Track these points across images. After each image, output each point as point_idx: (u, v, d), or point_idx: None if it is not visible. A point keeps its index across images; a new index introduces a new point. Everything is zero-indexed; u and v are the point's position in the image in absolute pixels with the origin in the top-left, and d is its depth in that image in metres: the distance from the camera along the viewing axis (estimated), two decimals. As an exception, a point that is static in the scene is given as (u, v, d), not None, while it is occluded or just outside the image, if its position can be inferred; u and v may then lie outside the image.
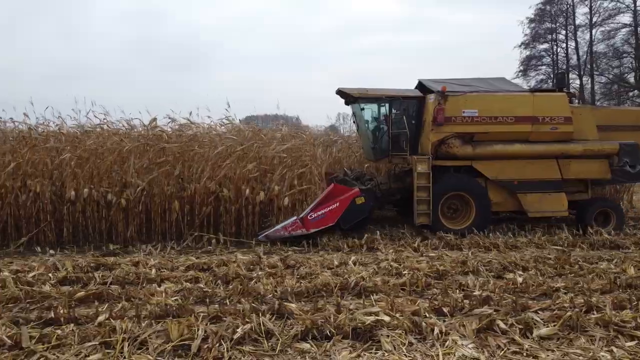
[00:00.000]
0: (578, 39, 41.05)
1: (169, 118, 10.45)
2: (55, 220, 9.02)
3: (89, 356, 4.33)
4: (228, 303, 5.75)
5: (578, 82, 41.53)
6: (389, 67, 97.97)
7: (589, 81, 40.82)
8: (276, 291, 6.02)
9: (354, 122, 11.70)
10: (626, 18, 36.63)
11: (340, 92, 10.74)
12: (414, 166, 9.77)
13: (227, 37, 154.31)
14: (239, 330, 4.65)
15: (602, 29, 38.20)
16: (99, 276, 6.57)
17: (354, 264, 7.39)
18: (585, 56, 40.90)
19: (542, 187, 10.06)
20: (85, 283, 6.45)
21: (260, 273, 6.77)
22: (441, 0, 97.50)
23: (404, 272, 6.72)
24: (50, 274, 6.63)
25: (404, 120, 10.07)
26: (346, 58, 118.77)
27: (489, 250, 8.61)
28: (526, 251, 8.54)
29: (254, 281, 6.36)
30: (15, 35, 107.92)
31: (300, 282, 6.30)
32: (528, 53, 44.89)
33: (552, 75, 42.88)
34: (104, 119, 10.17)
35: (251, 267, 7.20)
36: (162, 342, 4.54)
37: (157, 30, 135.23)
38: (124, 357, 4.31)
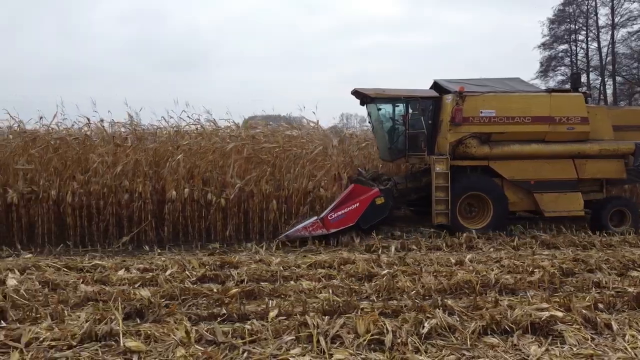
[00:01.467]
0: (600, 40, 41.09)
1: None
2: (155, 219, 9.14)
3: (289, 350, 4.45)
4: (375, 299, 5.89)
5: (598, 82, 41.69)
6: (389, 67, 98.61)
7: (611, 82, 40.95)
8: (419, 288, 6.13)
9: (369, 122, 11.77)
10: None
11: (356, 93, 10.79)
12: (432, 166, 9.82)
13: (226, 38, 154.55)
14: (425, 325, 4.76)
15: (625, 30, 38.26)
16: (235, 274, 6.68)
17: (471, 261, 7.51)
18: (606, 57, 40.95)
19: (558, 187, 10.12)
20: (222, 280, 6.57)
21: (389, 271, 6.87)
22: (440, 1, 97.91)
23: (534, 270, 6.82)
24: (186, 272, 6.74)
25: (422, 120, 10.13)
26: (346, 58, 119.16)
27: (587, 248, 8.71)
28: (625, 250, 8.62)
29: (391, 279, 6.46)
30: (15, 36, 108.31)
31: (439, 280, 6.41)
32: (548, 54, 44.99)
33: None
34: (197, 119, 10.33)
35: (372, 265, 7.29)
36: (353, 337, 4.64)
37: (157, 31, 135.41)
38: (323, 351, 4.42)
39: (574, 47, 44.36)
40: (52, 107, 10.20)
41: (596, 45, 41.59)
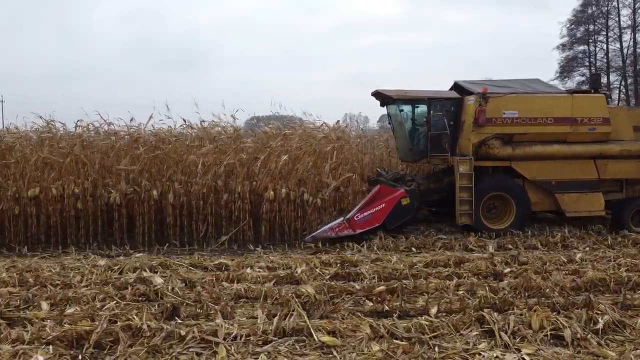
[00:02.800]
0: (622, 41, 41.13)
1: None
2: (253, 218, 9.31)
3: (477, 345, 4.59)
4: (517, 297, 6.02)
5: (619, 83, 41.75)
6: (389, 67, 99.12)
7: (633, 83, 40.99)
8: (553, 286, 6.27)
9: (389, 123, 11.88)
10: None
11: (378, 94, 10.87)
12: (456, 167, 9.88)
13: (226, 38, 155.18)
14: (600, 320, 4.90)
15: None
16: (366, 272, 6.84)
17: (582, 260, 7.65)
18: (626, 58, 40.98)
19: (579, 187, 10.20)
20: (353, 278, 6.73)
21: (511, 269, 7.01)
22: (440, 1, 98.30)
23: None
24: (317, 270, 6.91)
25: (445, 121, 10.20)
26: (345, 58, 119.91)
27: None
28: None
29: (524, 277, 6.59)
30: (15, 36, 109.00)
31: (570, 278, 6.55)
32: (566, 54, 45.04)
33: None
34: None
35: (487, 263, 7.42)
36: (531, 332, 4.78)
37: (157, 31, 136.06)
38: (507, 346, 4.56)
39: (592, 48, 44.61)
40: (52, 107, 10.43)
41: (618, 46, 41.79)
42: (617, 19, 41.74)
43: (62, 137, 9.50)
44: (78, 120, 9.87)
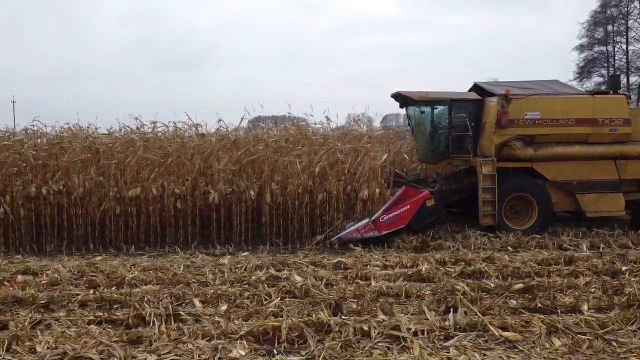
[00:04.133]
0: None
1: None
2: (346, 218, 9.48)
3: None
4: None
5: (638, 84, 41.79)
6: (389, 68, 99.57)
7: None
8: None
9: (408, 124, 11.93)
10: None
11: (398, 95, 10.89)
12: (478, 168, 9.94)
13: (226, 38, 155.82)
14: None
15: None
16: (490, 270, 7.00)
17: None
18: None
19: (600, 188, 10.26)
20: (477, 277, 6.88)
21: (628, 268, 7.15)
22: (439, 1, 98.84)
23: None
24: (441, 268, 7.08)
25: (467, 122, 10.25)
26: (346, 58, 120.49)
27: None
28: None
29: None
30: (15, 36, 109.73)
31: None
32: (584, 55, 45.08)
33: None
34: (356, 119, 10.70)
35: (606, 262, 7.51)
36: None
37: (157, 31, 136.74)
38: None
39: (610, 49, 44.63)
40: (54, 107, 10.60)
41: (638, 47, 41.84)
42: (638, 19, 41.93)
43: (161, 139, 9.66)
44: (154, 122, 10.05)
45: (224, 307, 5.71)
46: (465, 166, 11.06)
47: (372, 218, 9.20)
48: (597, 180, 10.28)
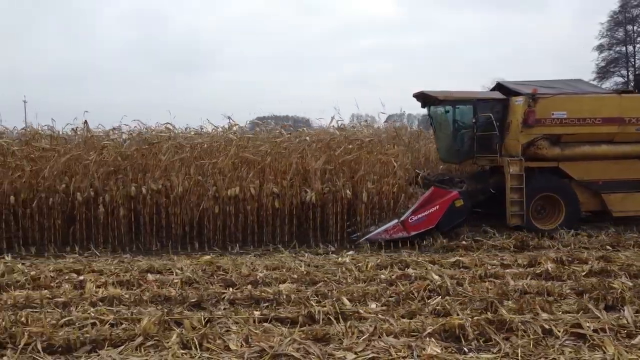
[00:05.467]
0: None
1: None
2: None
3: None
4: None
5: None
6: (389, 68, 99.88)
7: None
8: None
9: (430, 124, 11.88)
10: None
11: (421, 95, 10.83)
12: (506, 168, 9.88)
13: (227, 39, 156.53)
14: None
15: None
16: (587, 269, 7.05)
17: None
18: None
19: (626, 187, 10.22)
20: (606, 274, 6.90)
21: None
22: (438, 2, 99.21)
23: None
24: (568, 268, 7.11)
25: (494, 121, 10.16)
26: (346, 59, 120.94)
27: None
28: None
29: None
30: (17, 37, 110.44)
31: None
32: (603, 55, 44.97)
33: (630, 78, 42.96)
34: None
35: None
36: None
37: (159, 33, 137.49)
38: None
39: (630, 49, 44.51)
40: (56, 108, 10.68)
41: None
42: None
43: (260, 138, 9.73)
44: (253, 121, 10.10)
45: (373, 305, 5.76)
46: (491, 165, 10.95)
47: (401, 219, 9.16)
48: (624, 180, 10.25)
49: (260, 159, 9.25)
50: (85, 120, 9.77)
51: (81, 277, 6.82)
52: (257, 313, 5.40)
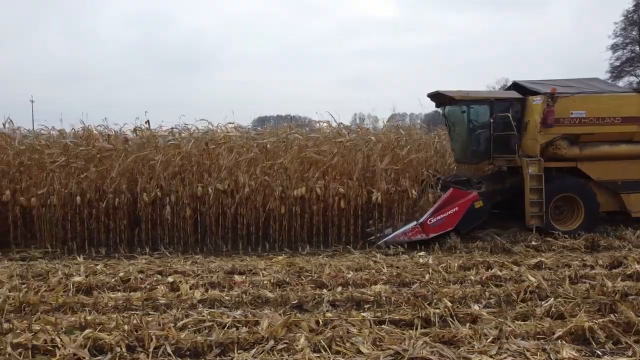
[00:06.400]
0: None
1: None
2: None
3: None
4: None
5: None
6: (389, 68, 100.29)
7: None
8: None
9: (445, 125, 11.72)
10: None
11: (436, 94, 10.69)
12: (525, 168, 9.74)
13: (228, 40, 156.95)
14: None
15: None
16: None
17: None
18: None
19: None
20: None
21: None
22: (437, 2, 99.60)
23: None
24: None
25: (512, 121, 9.97)
26: (346, 58, 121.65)
27: None
28: None
29: None
30: (19, 37, 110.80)
31: None
32: (620, 55, 44.80)
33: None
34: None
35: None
36: None
37: (160, 34, 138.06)
38: None
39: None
40: (54, 108, 10.67)
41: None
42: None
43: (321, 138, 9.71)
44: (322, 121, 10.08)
45: (476, 307, 5.70)
46: (508, 166, 10.77)
47: (420, 221, 9.08)
48: None
49: (326, 159, 9.20)
50: (147, 120, 9.74)
51: (169, 279, 6.78)
52: (368, 315, 5.35)
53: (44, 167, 9.15)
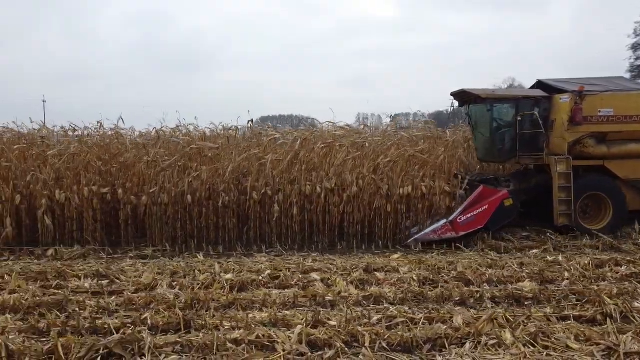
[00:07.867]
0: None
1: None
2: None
3: None
4: None
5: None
6: (389, 68, 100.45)
7: None
8: None
9: (468, 123, 11.72)
10: None
11: (461, 93, 10.71)
12: (553, 167, 9.74)
13: (228, 40, 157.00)
14: None
15: None
16: None
17: None
18: None
19: None
20: None
21: None
22: (437, 2, 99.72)
23: None
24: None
25: (539, 120, 9.98)
26: (346, 58, 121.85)
27: None
28: None
29: None
30: (19, 38, 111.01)
31: None
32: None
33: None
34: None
35: None
36: None
37: (158, 33, 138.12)
38: None
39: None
40: (54, 108, 10.96)
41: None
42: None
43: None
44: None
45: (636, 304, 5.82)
46: (536, 164, 10.73)
47: (450, 219, 9.12)
48: None
49: (432, 158, 9.33)
50: (251, 119, 9.86)
51: (314, 275, 6.91)
52: (549, 310, 5.49)
53: (153, 166, 9.26)
